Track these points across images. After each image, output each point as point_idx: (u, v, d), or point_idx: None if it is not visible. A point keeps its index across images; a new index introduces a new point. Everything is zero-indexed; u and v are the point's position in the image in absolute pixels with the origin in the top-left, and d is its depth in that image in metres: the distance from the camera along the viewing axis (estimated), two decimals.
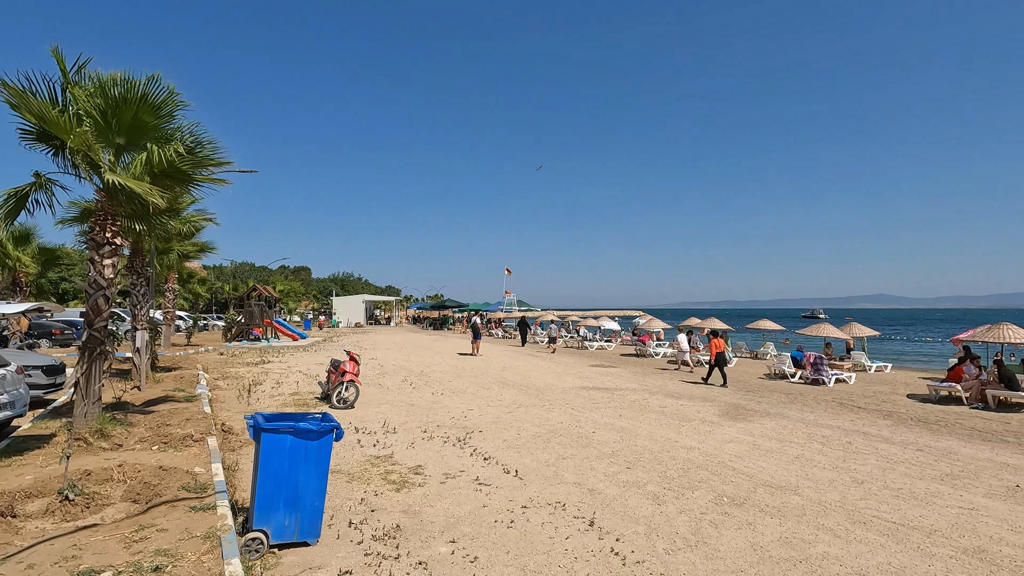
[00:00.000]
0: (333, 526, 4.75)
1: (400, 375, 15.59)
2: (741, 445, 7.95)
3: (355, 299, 60.38)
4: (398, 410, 10.25)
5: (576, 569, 4.07)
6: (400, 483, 5.97)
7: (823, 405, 11.63)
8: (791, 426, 9.39)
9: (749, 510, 5.33)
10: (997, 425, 9.70)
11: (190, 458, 6.44)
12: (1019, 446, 8.21)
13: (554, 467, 6.69)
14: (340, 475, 6.20)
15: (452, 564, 4.12)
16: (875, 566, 4.19)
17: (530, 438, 8.16)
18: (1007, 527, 5.01)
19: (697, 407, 11.15)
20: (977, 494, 5.94)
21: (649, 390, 13.48)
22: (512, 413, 10.14)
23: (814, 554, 4.38)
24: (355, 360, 10.88)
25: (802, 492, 5.89)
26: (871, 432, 9.03)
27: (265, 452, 4.21)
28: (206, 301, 54.09)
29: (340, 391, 10.33)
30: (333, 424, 4.45)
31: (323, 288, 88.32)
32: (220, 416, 9.31)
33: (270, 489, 4.20)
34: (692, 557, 4.30)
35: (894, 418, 10.30)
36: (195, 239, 20.18)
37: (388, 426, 8.78)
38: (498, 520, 4.97)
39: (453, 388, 13.24)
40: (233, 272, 69.26)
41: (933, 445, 8.18)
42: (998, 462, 7.27)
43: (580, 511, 5.23)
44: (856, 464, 7.05)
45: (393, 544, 4.43)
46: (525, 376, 15.95)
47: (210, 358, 19.78)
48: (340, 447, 7.34)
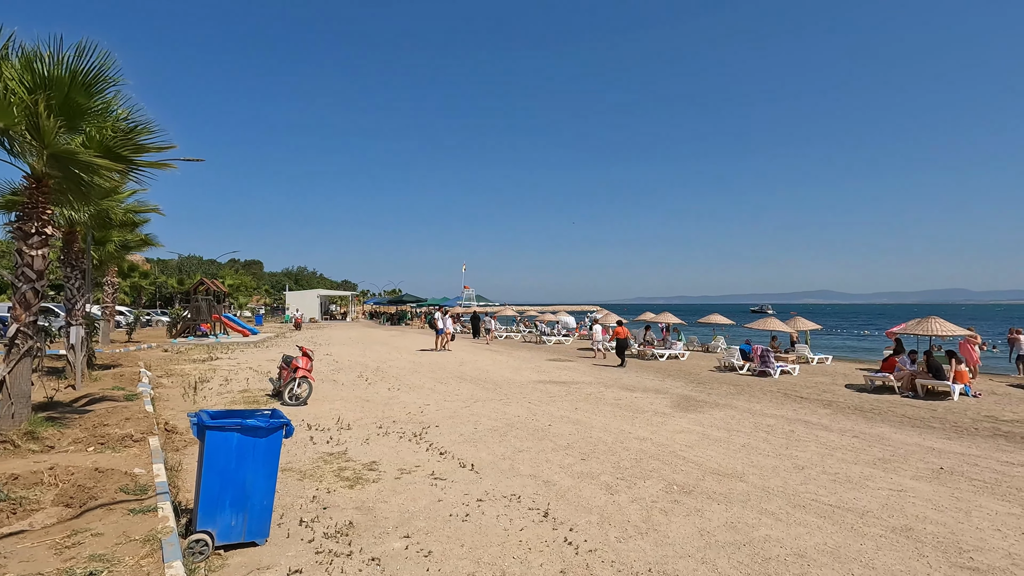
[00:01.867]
0: (283, 525, 4.64)
1: (355, 371, 15.32)
2: (691, 435, 8.20)
3: (309, 294, 58.89)
4: (353, 406, 10.07)
5: (530, 560, 4.11)
6: (354, 480, 5.87)
7: (768, 396, 12.13)
8: (738, 416, 9.75)
9: (697, 497, 5.51)
10: (925, 412, 10.36)
11: (130, 459, 6.15)
12: (944, 431, 8.79)
13: (510, 460, 6.72)
14: (291, 473, 6.05)
15: (406, 559, 4.10)
16: (813, 546, 4.41)
17: (487, 432, 8.18)
18: (931, 507, 5.36)
19: (650, 399, 11.42)
20: (906, 477, 6.33)
21: (605, 383, 13.72)
22: (469, 407, 10.13)
23: (757, 537, 4.57)
24: (308, 356, 10.62)
25: (747, 479, 6.13)
26: (812, 421, 9.48)
27: (210, 451, 4.06)
28: (149, 296, 51.58)
29: (292, 387, 10.07)
30: (283, 421, 4.34)
31: (276, 283, 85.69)
32: (163, 415, 8.92)
33: (215, 489, 4.06)
34: (643, 544, 4.41)
35: (833, 407, 10.85)
36: (137, 231, 19.21)
37: (342, 422, 8.62)
38: (453, 514, 4.96)
39: (410, 383, 13.11)
40: (179, 266, 66.34)
41: (868, 432, 8.66)
42: (925, 446, 7.77)
43: (535, 503, 5.28)
44: (798, 451, 7.39)
45: (345, 541, 4.36)
46: (483, 371, 15.95)
47: (153, 355, 18.91)
48: (292, 444, 7.16)
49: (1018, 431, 8.81)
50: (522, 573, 3.91)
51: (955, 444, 7.95)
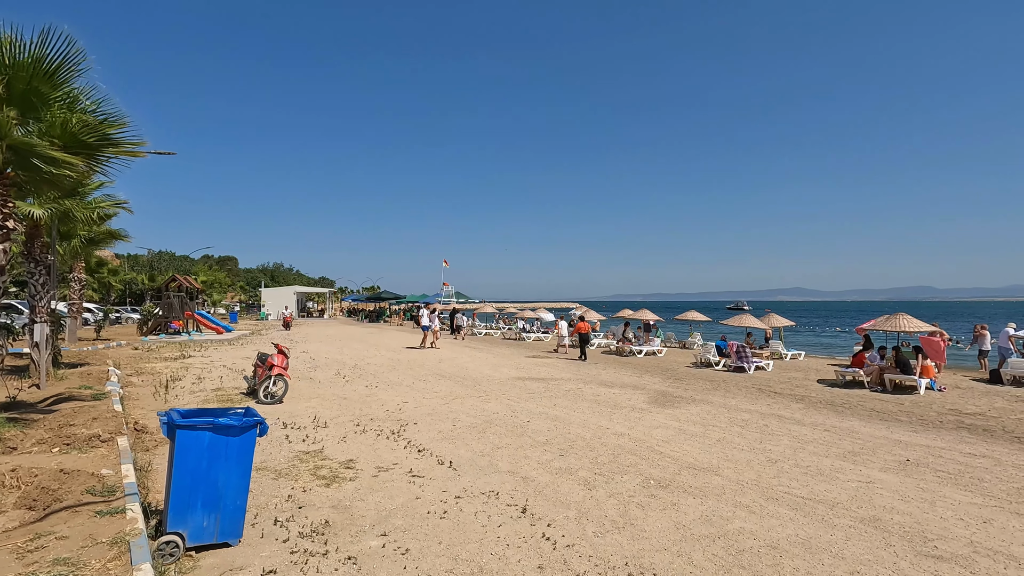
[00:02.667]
0: (257, 525, 4.56)
1: (333, 368, 15.15)
2: (668, 430, 8.30)
3: (286, 291, 57.99)
4: (330, 404, 9.95)
5: (508, 556, 4.11)
6: (330, 478, 5.80)
7: (744, 391, 12.34)
8: (714, 411, 9.90)
9: (674, 491, 5.58)
10: (892, 406, 10.65)
11: (97, 460, 5.98)
12: (910, 425, 9.05)
13: (489, 457, 6.72)
14: (266, 472, 5.95)
15: (383, 557, 4.06)
16: (785, 538, 4.50)
17: (465, 429, 8.16)
18: (898, 497, 5.51)
19: (628, 395, 11.53)
20: (874, 469, 6.50)
21: (583, 379, 13.80)
22: (448, 404, 10.09)
23: (731, 529, 4.64)
24: (284, 353, 10.46)
25: (722, 472, 6.23)
26: (785, 415, 9.67)
27: (181, 450, 3.96)
28: (119, 292, 50.24)
29: (267, 385, 9.90)
30: (257, 419, 4.26)
31: (251, 279, 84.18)
32: (133, 414, 8.69)
33: (186, 489, 3.97)
34: (620, 538, 4.45)
35: (806, 402, 11.09)
36: (106, 225, 18.67)
37: (319, 420, 8.51)
38: (431, 511, 4.94)
39: (388, 381, 13.01)
40: (150, 262, 64.70)
41: (838, 425, 8.87)
42: (892, 439, 7.99)
43: (513, 499, 5.28)
44: (771, 445, 7.53)
45: (321, 540, 4.31)
46: (462, 368, 15.91)
47: (123, 353, 18.42)
48: (266, 443, 7.05)
49: (980, 424, 9.12)
50: (500, 569, 3.91)
51: (921, 437, 8.19)
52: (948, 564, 4.09)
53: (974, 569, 4.02)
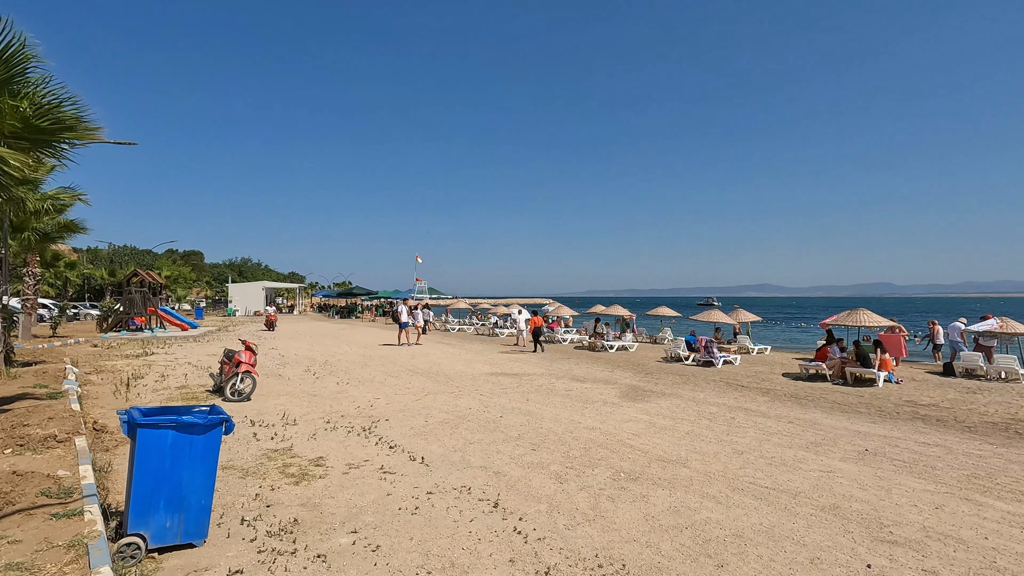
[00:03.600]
0: (223, 525, 4.47)
1: (303, 365, 14.91)
2: (639, 424, 8.42)
3: (254, 286, 56.79)
4: (299, 401, 9.79)
5: (479, 550, 4.12)
6: (299, 476, 5.72)
7: (712, 385, 12.60)
8: (683, 405, 10.09)
9: (643, 484, 5.67)
10: (853, 398, 11.03)
11: (53, 461, 5.76)
12: (869, 416, 9.39)
13: (461, 452, 6.71)
14: (233, 471, 5.83)
15: (353, 555, 4.03)
16: (749, 527, 4.62)
17: (438, 425, 8.13)
18: (857, 486, 5.71)
19: (600, 390, 11.65)
20: (835, 459, 6.72)
21: (556, 374, 13.90)
22: (420, 401, 10.04)
23: (698, 520, 4.75)
24: (252, 350, 10.24)
25: (690, 465, 6.36)
26: (751, 408, 9.92)
27: (142, 449, 3.85)
28: (77, 287, 48.40)
29: (235, 383, 9.69)
30: (222, 417, 4.16)
31: (218, 274, 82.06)
32: (92, 414, 8.40)
33: (148, 489, 3.86)
34: (590, 531, 4.51)
35: (771, 395, 11.39)
36: (62, 217, 17.94)
37: (288, 418, 8.37)
38: (402, 508, 4.91)
39: (359, 377, 12.87)
40: (111, 256, 62.47)
41: (801, 417, 9.14)
42: (852, 430, 8.28)
43: (485, 494, 5.29)
44: (737, 437, 7.72)
45: (290, 539, 4.25)
46: (435, 364, 15.84)
47: (81, 350, 17.77)
48: (233, 441, 6.91)
49: (934, 414, 9.52)
50: (471, 564, 3.92)
51: (879, 427, 8.51)
52: (902, 548, 4.26)
53: (926, 552, 4.20)
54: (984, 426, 8.67)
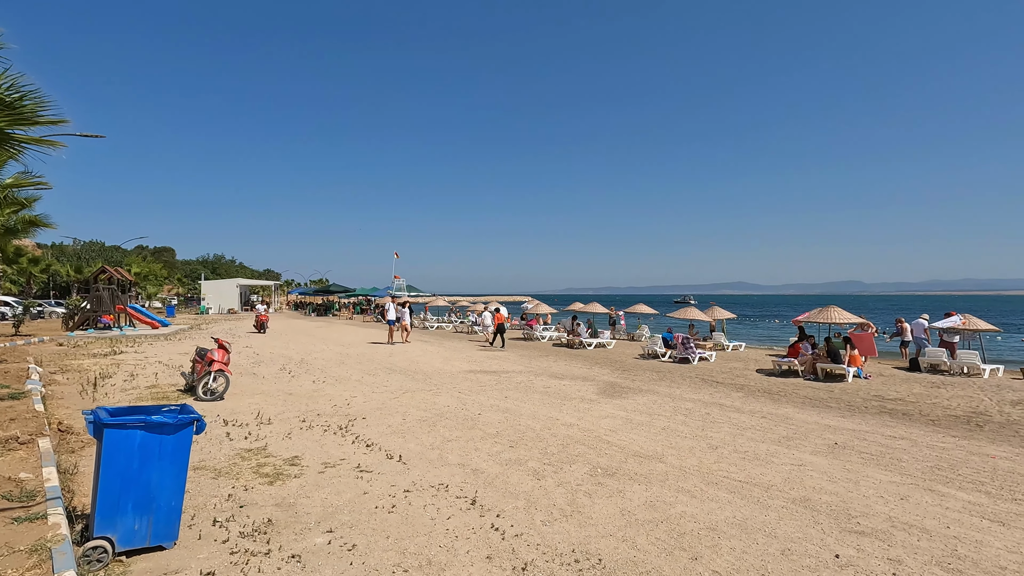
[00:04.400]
0: (194, 526, 4.38)
1: (278, 363, 14.68)
2: (616, 420, 8.50)
3: (228, 283, 55.69)
4: (274, 400, 9.64)
5: (456, 547, 4.12)
6: (274, 476, 5.63)
7: (688, 381, 12.78)
8: (660, 401, 10.21)
9: (620, 479, 5.73)
10: (824, 393, 11.30)
11: (14, 463, 5.57)
12: (839, 410, 9.63)
13: (439, 450, 6.69)
14: (205, 471, 5.72)
15: (328, 554, 3.98)
16: (723, 520, 4.71)
17: (416, 423, 8.09)
18: (826, 478, 5.86)
19: (578, 386, 11.73)
20: (805, 452, 6.88)
21: (535, 372, 13.94)
22: (398, 399, 9.97)
23: (673, 514, 4.82)
24: (225, 348, 10.05)
25: (666, 459, 6.44)
26: (726, 403, 10.09)
27: (109, 450, 3.75)
28: (41, 285, 46.84)
29: (207, 382, 9.49)
30: (194, 416, 4.08)
31: (190, 271, 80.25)
32: (57, 414, 8.14)
33: (115, 491, 3.76)
34: (567, 526, 4.53)
35: (745, 390, 11.60)
36: (26, 212, 17.33)
37: (262, 417, 8.24)
38: (379, 506, 4.88)
39: (336, 375, 12.73)
40: (77, 252, 60.61)
41: (774, 412, 9.33)
42: (823, 424, 8.48)
43: (463, 491, 5.29)
44: (712, 432, 7.84)
45: (263, 539, 4.18)
46: (413, 361, 15.75)
47: (46, 349, 17.21)
48: (205, 441, 6.77)
49: (900, 408, 9.81)
50: (448, 561, 3.91)
51: (848, 421, 8.73)
52: (869, 538, 4.39)
53: (891, 542, 4.33)
54: (947, 419, 8.97)
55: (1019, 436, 7.92)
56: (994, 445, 7.41)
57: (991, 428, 8.40)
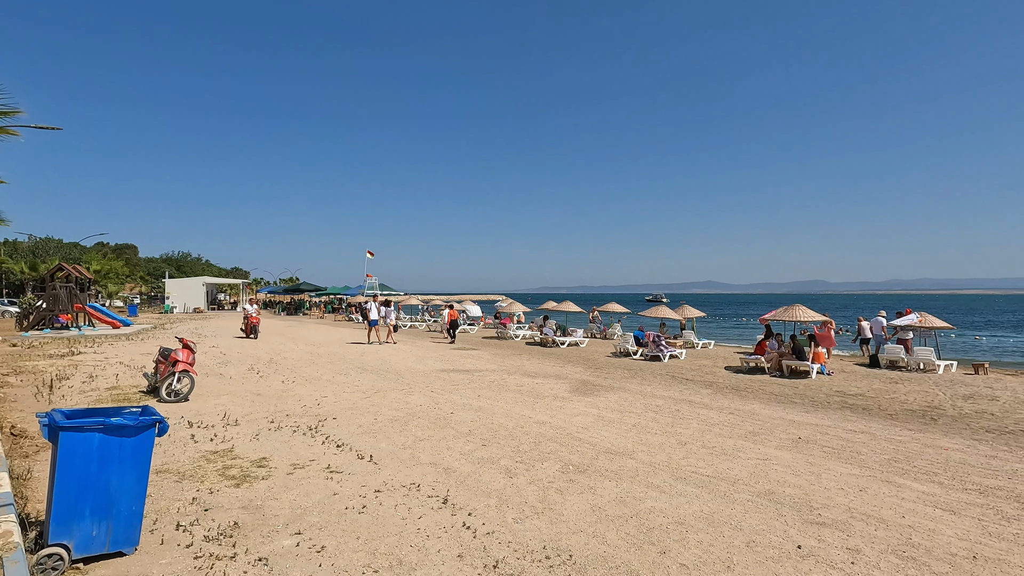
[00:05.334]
0: (156, 531, 4.26)
1: (246, 363, 14.36)
2: (587, 418, 8.58)
3: (194, 281, 54.19)
4: (241, 400, 9.44)
5: (427, 546, 4.10)
6: (240, 478, 5.51)
7: (659, 378, 12.98)
8: (631, 398, 10.35)
9: (591, 476, 5.79)
10: (789, 389, 11.62)
11: None
12: (803, 406, 9.91)
13: (411, 449, 6.65)
14: (168, 474, 5.56)
15: (296, 556, 3.92)
16: (691, 514, 4.80)
17: (387, 422, 8.02)
18: (790, 472, 6.03)
19: (551, 385, 11.79)
20: (771, 447, 7.07)
21: (508, 370, 13.96)
22: (370, 398, 9.87)
23: (643, 509, 4.89)
24: (190, 348, 9.79)
25: (636, 456, 6.53)
26: (695, 400, 10.28)
27: (65, 454, 3.62)
28: None
29: (171, 382, 9.23)
30: (155, 418, 3.96)
31: (154, 269, 77.82)
32: (9, 417, 7.81)
33: (72, 496, 3.63)
34: (538, 523, 4.56)
35: (714, 387, 11.84)
36: None
37: (229, 418, 8.05)
38: (349, 507, 4.82)
39: (306, 375, 12.52)
40: (32, 249, 58.15)
41: (741, 408, 9.55)
42: (787, 419, 8.72)
43: (434, 490, 5.27)
44: (681, 428, 7.99)
45: (229, 543, 4.09)
46: (385, 360, 15.61)
47: None
48: (169, 444, 6.59)
49: (860, 403, 10.15)
50: (419, 560, 3.89)
51: (811, 416, 9.00)
52: (830, 529, 4.53)
53: (850, 532, 4.48)
54: (904, 413, 9.32)
55: (970, 429, 8.29)
56: (947, 438, 7.74)
57: (944, 421, 8.77)
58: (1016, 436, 7.87)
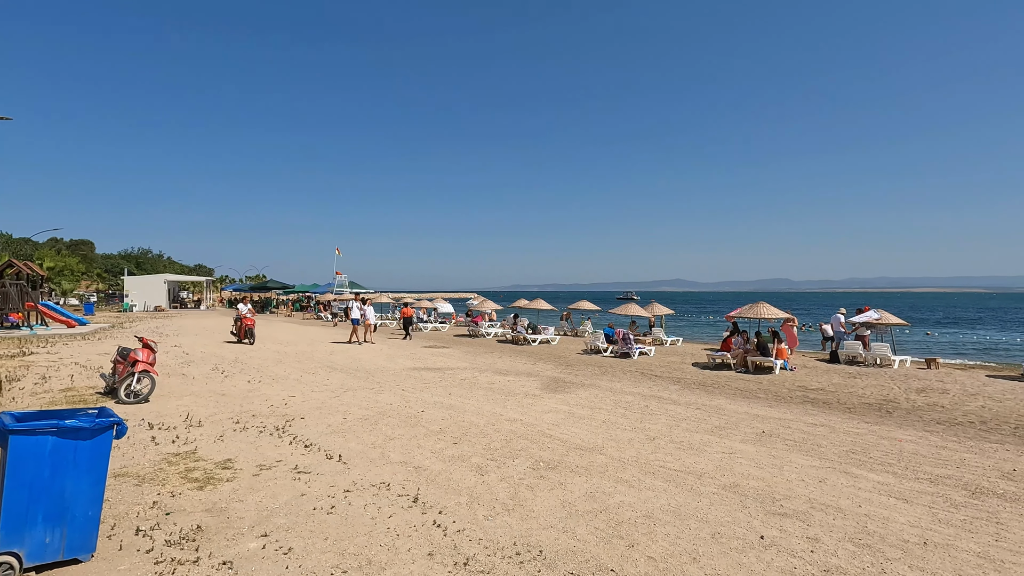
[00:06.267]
0: (115, 537, 4.12)
1: (210, 363, 13.98)
2: (558, 414, 8.65)
3: (155, 279, 52.37)
4: (205, 401, 9.19)
5: (397, 546, 4.08)
6: (204, 480, 5.37)
7: (628, 375, 13.16)
8: (601, 395, 10.47)
9: (561, 472, 5.84)
10: (753, 385, 11.93)
11: None
12: (767, 400, 10.20)
13: (380, 448, 6.59)
14: (127, 478, 5.38)
15: (263, 559, 3.85)
16: (659, 507, 4.89)
17: (357, 421, 7.93)
18: (754, 465, 6.20)
19: (522, 382, 11.84)
20: (735, 441, 7.25)
21: (479, 368, 13.95)
22: (339, 397, 9.74)
23: (612, 504, 4.96)
24: (150, 347, 9.48)
25: (606, 451, 6.62)
26: (664, 396, 10.47)
27: (15, 459, 3.46)
28: None
29: (130, 383, 8.91)
30: (113, 420, 3.83)
31: (112, 266, 74.99)
32: None
33: (23, 503, 3.48)
34: (509, 520, 4.58)
35: (682, 383, 12.07)
36: None
37: (192, 419, 7.83)
38: (317, 507, 4.75)
39: (273, 375, 12.27)
40: None
41: (708, 404, 9.77)
42: (752, 414, 8.95)
43: (405, 489, 5.24)
44: (650, 424, 8.12)
45: (192, 547, 3.99)
46: (355, 359, 15.41)
47: None
48: (128, 446, 6.37)
49: (821, 397, 10.50)
50: (389, 560, 3.87)
51: (774, 411, 9.26)
52: (791, 519, 4.68)
53: (810, 522, 4.64)
54: (862, 407, 9.68)
55: (922, 421, 8.67)
56: (901, 429, 8.07)
57: (899, 414, 9.14)
58: (964, 427, 8.27)
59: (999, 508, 5.06)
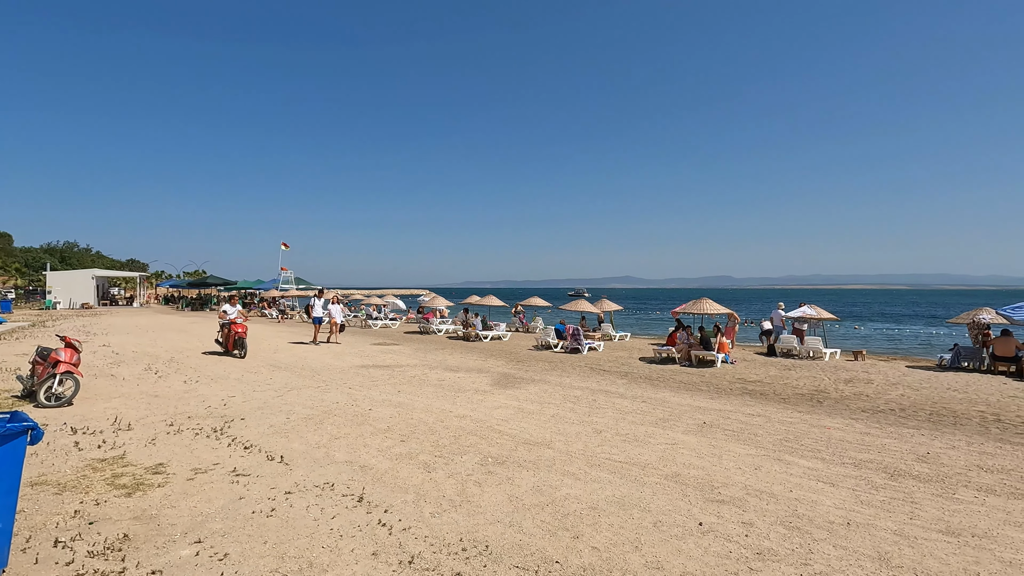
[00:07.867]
0: (30, 549, 3.84)
1: (142, 363, 13.23)
2: (508, 410, 8.68)
3: (82, 274, 49.07)
4: (136, 403, 8.69)
5: (340, 546, 3.99)
6: (133, 486, 5.08)
7: (578, 370, 13.36)
8: (551, 390, 10.59)
9: (509, 467, 5.86)
10: (696, 378, 12.35)
11: None
12: (708, 393, 10.58)
13: (325, 448, 6.42)
14: (46, 486, 5.02)
15: (196, 567, 3.68)
16: (604, 499, 4.99)
17: (300, 421, 7.70)
18: (695, 455, 6.42)
19: (472, 378, 11.81)
20: (678, 432, 7.49)
21: (429, 365, 13.83)
22: (282, 396, 9.42)
23: (559, 496, 5.02)
24: (74, 347, 8.88)
25: (554, 445, 6.70)
26: (611, 390, 10.69)
27: None
28: None
29: (51, 385, 8.32)
30: (27, 424, 3.56)
31: (32, 260, 69.76)
32: None
33: None
34: (456, 516, 4.56)
35: (629, 377, 12.36)
36: None
37: (120, 423, 7.39)
38: (256, 511, 4.59)
39: (212, 374, 11.74)
40: None
41: (653, 397, 10.04)
42: (694, 406, 9.27)
43: (349, 488, 5.13)
44: (597, 417, 8.28)
45: (118, 557, 3.76)
46: (300, 357, 14.96)
47: None
48: (47, 453, 5.95)
49: (759, 389, 10.99)
50: (331, 561, 3.77)
51: (715, 402, 9.63)
52: (728, 506, 4.88)
53: (745, 508, 4.85)
54: (795, 397, 10.20)
55: (849, 409, 9.22)
56: (830, 418, 8.56)
57: (828, 403, 9.69)
58: (885, 415, 8.85)
59: (914, 489, 5.45)
